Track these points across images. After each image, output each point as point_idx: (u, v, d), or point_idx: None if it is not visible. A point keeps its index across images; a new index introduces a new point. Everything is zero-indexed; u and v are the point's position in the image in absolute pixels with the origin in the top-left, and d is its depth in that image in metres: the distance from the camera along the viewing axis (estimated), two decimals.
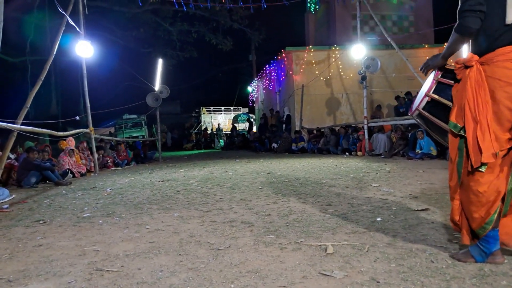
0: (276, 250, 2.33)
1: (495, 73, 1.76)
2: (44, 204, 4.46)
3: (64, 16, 7.33)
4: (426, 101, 2.07)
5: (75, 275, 2.04)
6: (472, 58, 1.84)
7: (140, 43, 21.89)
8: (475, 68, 1.80)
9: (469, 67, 1.82)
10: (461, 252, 2.01)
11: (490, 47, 1.80)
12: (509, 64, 1.74)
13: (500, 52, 1.76)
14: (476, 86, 1.78)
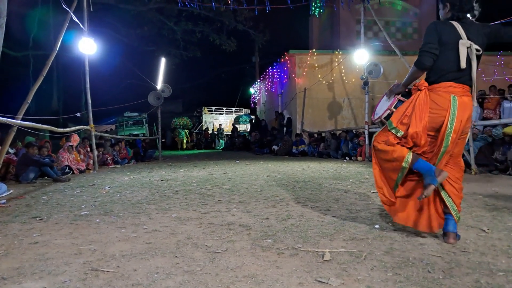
0: (273, 255, 2.32)
1: (435, 97, 2.43)
2: (41, 200, 4.45)
3: (68, 12, 7.33)
4: (388, 113, 2.70)
5: (70, 275, 2.02)
6: (424, 84, 2.49)
7: (144, 41, 21.91)
8: (424, 91, 2.47)
9: (420, 90, 2.49)
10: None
11: (437, 80, 2.44)
12: (445, 95, 2.39)
13: (442, 85, 2.41)
14: (421, 102, 2.44)
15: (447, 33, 2.37)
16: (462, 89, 2.40)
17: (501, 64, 13.93)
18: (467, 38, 2.36)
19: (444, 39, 2.37)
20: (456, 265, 2.10)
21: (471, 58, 2.36)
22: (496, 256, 2.24)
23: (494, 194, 4.39)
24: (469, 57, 2.36)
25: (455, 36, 2.36)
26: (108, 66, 20.63)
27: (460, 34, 2.36)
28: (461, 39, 2.35)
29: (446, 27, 2.39)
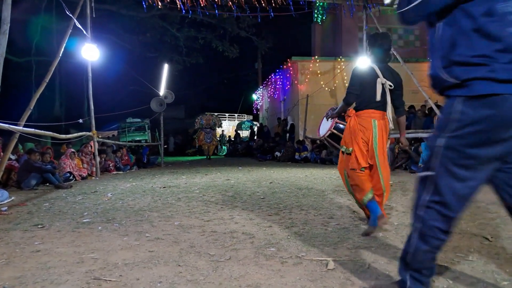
0: (277, 263, 2.30)
1: (361, 121, 3.14)
2: (43, 207, 4.44)
3: (71, 18, 7.38)
4: (329, 133, 3.56)
5: (72, 284, 2.01)
6: (352, 112, 3.26)
7: (147, 47, 22.03)
8: (353, 118, 3.22)
9: (350, 116, 3.25)
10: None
11: (362, 108, 3.17)
12: (368, 119, 3.11)
13: (366, 111, 3.14)
14: (354, 127, 3.18)
15: (368, 75, 3.15)
16: (380, 114, 3.15)
17: None
18: (383, 77, 3.12)
19: (366, 79, 3.14)
20: (460, 274, 2.09)
21: (386, 92, 3.14)
22: (500, 265, 2.22)
23: (497, 201, 4.36)
24: (384, 90, 3.13)
25: (373, 76, 3.13)
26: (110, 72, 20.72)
27: (378, 74, 3.13)
28: (378, 78, 3.11)
29: (367, 70, 3.18)
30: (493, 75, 1.45)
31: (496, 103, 1.46)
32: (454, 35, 1.54)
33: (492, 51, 1.46)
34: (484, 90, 1.47)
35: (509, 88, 1.45)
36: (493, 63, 1.46)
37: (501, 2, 1.47)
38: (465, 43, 1.51)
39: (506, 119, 1.46)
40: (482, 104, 1.48)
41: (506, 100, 1.45)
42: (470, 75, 1.49)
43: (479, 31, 1.48)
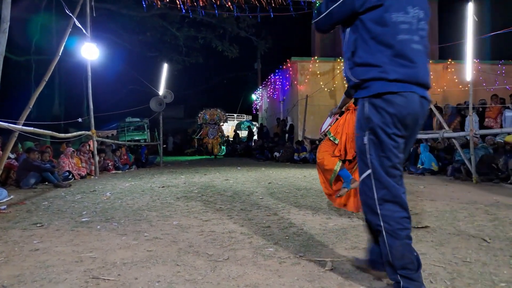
0: (275, 264, 2.31)
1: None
2: (42, 206, 4.44)
3: (71, 17, 7.37)
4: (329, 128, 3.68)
5: (71, 283, 2.02)
6: (351, 105, 3.47)
7: (146, 47, 22.02)
8: (351, 112, 3.48)
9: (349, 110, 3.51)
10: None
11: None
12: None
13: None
14: (349, 121, 3.45)
15: None
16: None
17: (502, 73, 13.96)
18: None
19: None
20: (458, 275, 2.09)
21: None
22: (498, 267, 2.22)
23: (496, 203, 4.38)
24: None
25: None
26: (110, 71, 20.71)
27: None
28: None
29: None
30: (385, 75, 1.72)
31: (390, 100, 1.74)
32: (357, 41, 1.80)
33: (385, 55, 1.73)
34: (380, 89, 1.74)
35: (400, 86, 1.72)
36: (385, 66, 1.72)
37: (392, 13, 1.72)
38: (364, 47, 1.77)
39: (400, 113, 1.74)
40: (381, 102, 1.75)
41: (398, 97, 1.73)
42: (367, 75, 1.76)
43: (374, 38, 1.74)
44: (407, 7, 1.76)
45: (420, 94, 1.77)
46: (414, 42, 1.77)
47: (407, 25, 1.75)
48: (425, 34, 1.85)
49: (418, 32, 1.80)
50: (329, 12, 1.84)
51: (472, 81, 6.70)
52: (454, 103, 11.11)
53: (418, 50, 1.78)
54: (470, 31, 6.38)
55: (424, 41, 1.84)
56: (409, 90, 1.73)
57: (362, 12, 1.76)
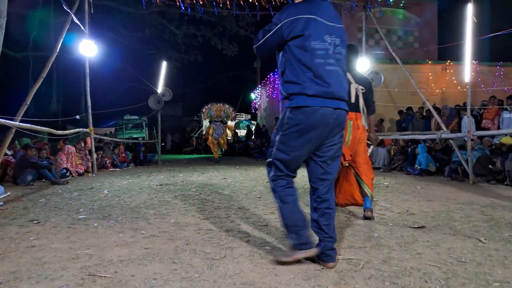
0: (272, 262, 2.31)
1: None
2: (39, 203, 4.44)
3: (69, 14, 7.35)
4: None
5: (67, 280, 2.02)
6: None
7: (145, 44, 21.94)
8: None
9: None
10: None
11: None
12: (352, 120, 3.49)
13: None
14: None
15: None
16: (354, 115, 3.50)
17: (501, 74, 14.00)
18: (355, 82, 3.47)
19: None
20: (453, 275, 2.11)
21: (358, 95, 3.48)
22: (492, 267, 2.24)
23: (492, 204, 4.40)
24: (357, 94, 3.46)
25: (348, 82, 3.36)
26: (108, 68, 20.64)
27: (350, 80, 3.44)
28: (351, 83, 3.42)
29: None
30: (304, 91, 2.14)
31: (307, 112, 2.15)
32: (285, 63, 2.22)
33: (305, 75, 2.15)
34: (300, 103, 2.16)
35: (316, 101, 2.14)
36: (305, 83, 2.14)
37: (311, 41, 2.13)
38: (290, 68, 2.20)
39: (313, 122, 2.15)
40: (299, 112, 2.17)
41: (313, 110, 2.15)
42: (292, 91, 2.19)
43: (298, 60, 2.16)
44: (324, 36, 2.17)
45: (333, 107, 2.19)
46: (328, 64, 2.18)
47: (323, 51, 2.16)
48: (342, 57, 2.27)
49: (334, 55, 2.21)
50: (265, 40, 2.27)
51: (471, 83, 6.72)
52: (453, 104, 11.15)
53: (332, 71, 2.19)
54: (469, 32, 6.39)
55: (340, 63, 2.25)
56: (323, 105, 2.15)
57: (289, 40, 2.18)
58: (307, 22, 2.15)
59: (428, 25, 16.06)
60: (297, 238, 2.24)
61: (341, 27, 2.28)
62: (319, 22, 2.16)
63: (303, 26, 2.14)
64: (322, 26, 2.17)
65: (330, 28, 2.20)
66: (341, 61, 2.25)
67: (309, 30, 2.14)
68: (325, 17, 2.19)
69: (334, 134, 2.25)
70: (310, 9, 2.18)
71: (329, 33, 2.19)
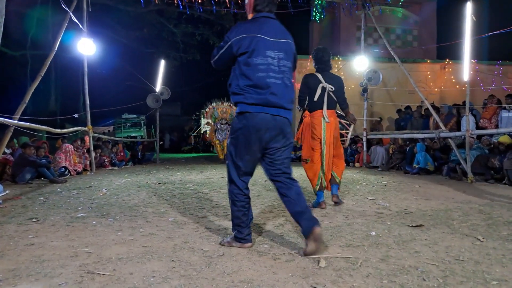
0: (270, 260, 2.32)
1: (313, 120, 4.02)
2: (38, 201, 4.44)
3: (67, 12, 7.33)
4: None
5: (66, 277, 2.02)
6: (306, 113, 4.18)
7: (143, 43, 21.89)
8: (307, 118, 4.15)
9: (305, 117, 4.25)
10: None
11: (314, 110, 4.03)
12: (319, 118, 3.97)
13: (317, 111, 4.00)
14: (307, 125, 4.16)
15: (313, 81, 3.98)
16: (330, 112, 3.94)
17: (500, 73, 14.03)
18: (325, 82, 3.92)
19: (312, 85, 3.97)
20: (451, 273, 2.11)
21: (330, 94, 3.93)
22: (490, 265, 2.25)
23: (490, 203, 4.41)
24: (329, 93, 3.92)
25: (318, 82, 3.96)
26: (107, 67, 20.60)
27: (320, 79, 3.94)
28: (321, 83, 3.91)
29: (312, 78, 4.01)
30: (245, 100, 2.45)
31: (248, 117, 2.46)
32: (234, 76, 2.53)
33: (247, 86, 2.45)
34: (242, 109, 2.48)
35: (255, 108, 2.44)
36: (246, 93, 2.45)
37: (254, 57, 2.43)
38: (235, 81, 2.51)
39: (254, 126, 2.45)
40: (243, 117, 2.48)
41: (253, 115, 2.45)
42: (237, 100, 2.51)
43: (243, 74, 2.46)
44: (266, 52, 2.45)
45: (273, 114, 2.46)
46: (270, 77, 2.45)
47: (265, 65, 2.44)
48: (287, 69, 2.54)
49: (279, 68, 2.49)
50: (219, 56, 2.58)
51: (470, 82, 6.73)
52: (451, 103, 11.17)
53: (274, 82, 2.46)
54: (468, 31, 6.40)
55: (285, 74, 2.52)
56: (262, 111, 2.44)
57: (238, 56, 2.48)
58: (252, 40, 2.43)
59: (427, 24, 16.07)
60: (238, 233, 2.61)
61: (285, 42, 2.54)
62: (262, 39, 2.44)
63: (248, 44, 2.43)
64: (266, 43, 2.45)
65: (273, 43, 2.47)
66: (285, 72, 2.53)
67: (252, 47, 2.43)
68: (269, 35, 2.47)
69: (279, 138, 2.52)
70: (255, 28, 2.46)
71: (272, 48, 2.46)
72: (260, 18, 2.54)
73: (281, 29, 2.56)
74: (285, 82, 2.51)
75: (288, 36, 2.58)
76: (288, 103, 2.54)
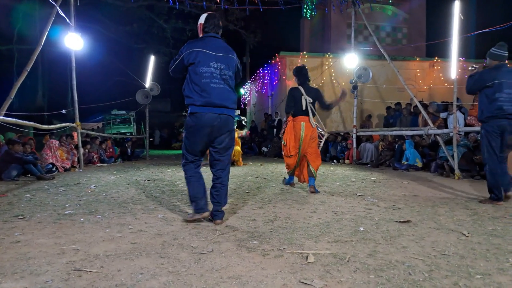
0: (259, 256, 2.33)
1: (295, 124, 4.88)
2: (24, 198, 4.37)
3: (54, 6, 7.20)
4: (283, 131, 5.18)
5: (52, 275, 2.00)
6: (290, 118, 4.98)
7: (133, 38, 21.67)
8: (290, 122, 4.96)
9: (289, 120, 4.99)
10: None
11: (296, 115, 4.90)
12: (299, 122, 4.84)
13: (298, 117, 4.88)
14: (290, 127, 4.94)
15: (297, 93, 4.90)
16: (307, 118, 4.87)
17: None
18: (306, 94, 4.86)
19: (296, 96, 4.89)
20: (436, 268, 2.15)
21: (308, 104, 4.84)
22: (475, 260, 2.29)
23: (476, 199, 4.49)
24: (307, 103, 4.84)
25: (300, 94, 4.88)
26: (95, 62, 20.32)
27: (302, 92, 4.88)
28: (302, 95, 4.85)
29: (296, 90, 4.93)
30: (194, 102, 3.01)
31: (197, 116, 3.03)
32: (186, 82, 3.09)
33: (195, 90, 3.01)
34: (192, 110, 3.04)
35: (201, 109, 3.01)
36: (194, 96, 3.01)
37: (199, 67, 3.00)
38: (187, 86, 3.08)
39: (202, 124, 3.02)
40: (193, 116, 3.04)
41: (201, 115, 3.01)
42: (188, 102, 3.06)
43: (192, 81, 3.03)
44: (210, 63, 3.02)
45: (217, 113, 3.03)
46: (213, 83, 3.02)
47: (209, 73, 3.01)
48: (228, 77, 3.11)
49: (221, 76, 3.06)
50: (174, 66, 3.15)
51: (457, 79, 6.82)
52: (440, 100, 11.30)
53: (216, 87, 3.03)
54: (455, 29, 6.48)
55: (226, 81, 3.09)
56: (208, 111, 3.01)
57: (188, 66, 3.05)
58: (198, 53, 3.02)
59: (416, 22, 16.22)
60: (196, 205, 3.10)
61: (227, 56, 3.13)
62: (206, 53, 3.03)
63: (195, 56, 3.01)
64: (209, 56, 3.03)
65: (216, 57, 3.06)
66: (227, 80, 3.09)
67: (199, 59, 3.00)
68: (212, 50, 3.06)
69: (223, 132, 3.11)
70: (201, 45, 3.07)
71: (215, 60, 3.05)
72: (206, 37, 3.16)
73: (223, 45, 3.17)
74: (227, 87, 3.09)
75: (230, 52, 3.18)
76: (231, 104, 3.11)
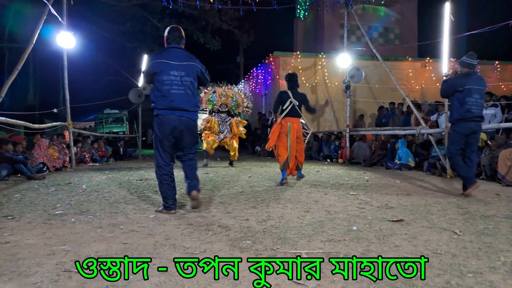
0: (251, 256, 2.31)
1: (283, 123, 5.43)
2: (14, 198, 4.31)
3: (46, 4, 7.12)
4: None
5: (42, 276, 1.97)
6: (279, 119, 5.47)
7: (126, 37, 21.50)
8: (279, 122, 5.46)
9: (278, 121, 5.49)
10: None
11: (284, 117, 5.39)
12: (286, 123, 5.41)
13: (285, 118, 5.42)
14: (278, 126, 5.45)
15: (285, 96, 5.42)
16: (293, 119, 5.41)
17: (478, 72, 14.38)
18: (293, 97, 5.39)
19: (284, 99, 5.40)
20: (428, 266, 2.15)
21: (294, 107, 5.37)
22: (467, 258, 2.30)
23: (468, 198, 4.52)
24: (294, 106, 5.37)
25: (288, 97, 5.41)
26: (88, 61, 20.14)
27: (290, 96, 5.40)
28: (290, 98, 5.37)
29: (284, 94, 5.44)
30: (157, 106, 3.44)
31: (161, 118, 3.45)
32: (152, 89, 3.54)
33: (158, 96, 3.45)
34: (156, 113, 3.46)
35: (164, 112, 3.43)
36: (157, 101, 3.44)
37: (161, 76, 3.43)
38: (152, 92, 3.51)
39: (165, 125, 3.44)
40: (158, 118, 3.47)
41: (164, 117, 3.43)
42: (153, 106, 3.46)
43: (156, 87, 3.48)
44: (170, 72, 3.43)
45: (177, 115, 3.43)
46: (173, 89, 3.43)
47: (169, 81, 3.42)
48: (188, 83, 3.50)
49: (182, 83, 3.46)
50: (146, 75, 3.64)
51: None
52: (432, 100, 11.38)
53: (176, 93, 3.43)
54: (446, 30, 6.53)
55: (187, 87, 3.48)
56: (169, 114, 3.42)
57: (153, 75, 3.49)
58: (160, 64, 3.45)
59: (408, 23, 16.33)
60: (165, 203, 3.53)
61: (188, 64, 3.52)
62: (168, 63, 3.45)
63: (158, 66, 3.45)
64: (170, 66, 3.45)
65: (176, 66, 3.46)
66: (187, 86, 3.48)
67: (161, 69, 3.43)
68: (173, 60, 3.47)
69: (185, 132, 3.48)
70: (164, 56, 3.50)
71: (176, 69, 3.45)
72: (169, 48, 3.57)
73: (184, 54, 3.57)
74: (187, 92, 3.48)
75: (192, 59, 3.57)
76: (191, 107, 3.49)
